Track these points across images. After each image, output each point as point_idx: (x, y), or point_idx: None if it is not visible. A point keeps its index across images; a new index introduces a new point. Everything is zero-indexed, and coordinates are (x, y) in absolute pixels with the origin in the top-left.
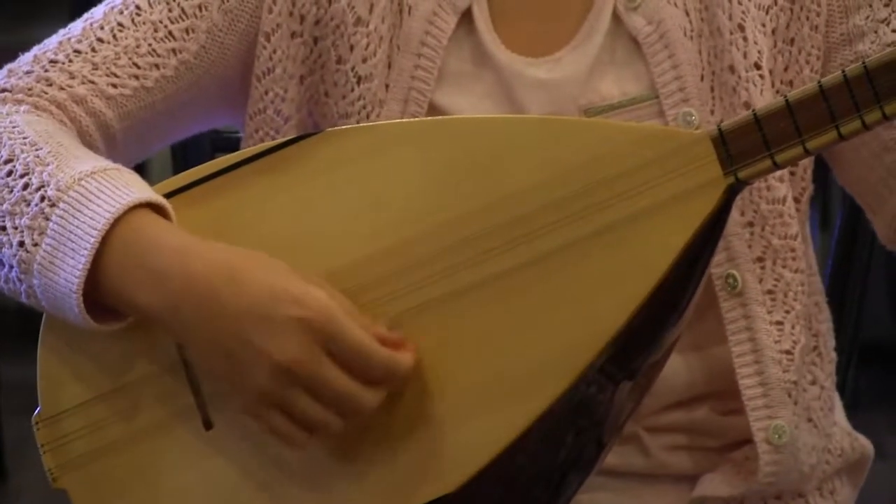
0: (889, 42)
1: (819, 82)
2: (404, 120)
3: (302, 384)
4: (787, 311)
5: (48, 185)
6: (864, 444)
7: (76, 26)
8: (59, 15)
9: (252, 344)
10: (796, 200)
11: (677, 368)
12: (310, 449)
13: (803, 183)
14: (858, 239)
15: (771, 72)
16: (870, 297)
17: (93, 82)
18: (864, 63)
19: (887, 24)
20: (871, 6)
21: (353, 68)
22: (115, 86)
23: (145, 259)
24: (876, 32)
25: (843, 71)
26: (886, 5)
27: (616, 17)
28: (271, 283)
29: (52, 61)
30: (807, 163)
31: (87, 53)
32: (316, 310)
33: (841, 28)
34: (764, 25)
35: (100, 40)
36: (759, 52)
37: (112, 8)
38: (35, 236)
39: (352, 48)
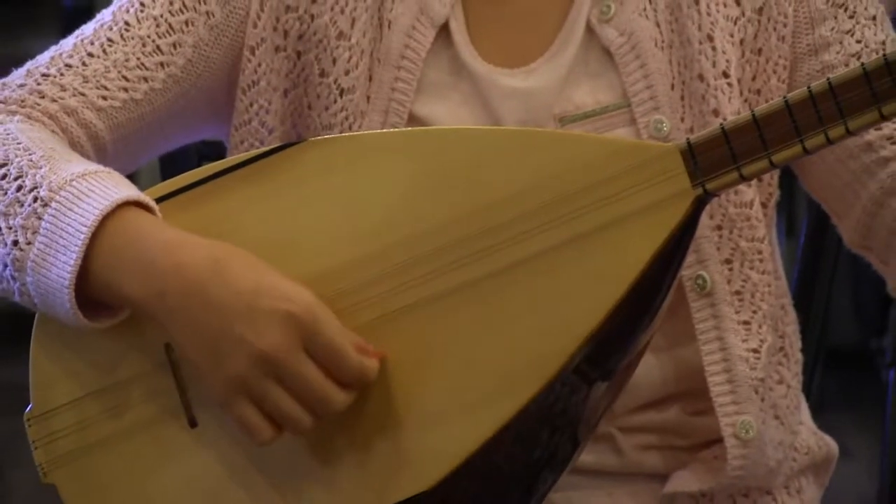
0: (854, 52)
1: (785, 98)
2: (385, 130)
3: (277, 376)
4: (755, 312)
5: (41, 187)
6: (830, 443)
7: (67, 42)
8: (51, 29)
9: (234, 332)
10: (763, 205)
11: (649, 368)
12: (287, 447)
13: (770, 188)
14: (825, 246)
15: (739, 81)
16: (835, 303)
17: (83, 94)
18: (828, 79)
19: (851, 35)
20: (836, 18)
21: (335, 81)
22: (105, 98)
23: (134, 251)
24: (841, 43)
25: (809, 87)
26: (851, 17)
27: (589, 29)
28: (257, 277)
29: (44, 75)
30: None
31: (77, 67)
32: (303, 307)
33: (807, 39)
34: (732, 36)
35: (90, 55)
36: (727, 61)
37: (102, 24)
38: (28, 235)
39: (334, 61)
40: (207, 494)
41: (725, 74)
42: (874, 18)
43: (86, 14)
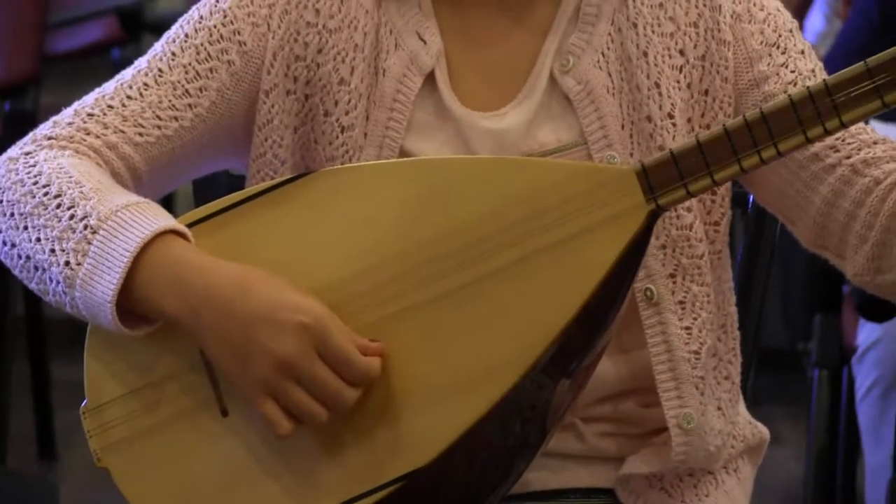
0: (789, 80)
1: (724, 125)
2: (380, 161)
3: (296, 377)
4: (695, 318)
5: (90, 216)
6: (763, 431)
7: (109, 86)
8: (102, 78)
9: (258, 342)
10: (716, 224)
11: (607, 369)
12: (302, 433)
13: (722, 209)
14: (758, 263)
15: (690, 119)
16: (767, 312)
17: (123, 132)
18: (760, 109)
19: (786, 67)
20: (770, 55)
21: (337, 120)
22: (141, 134)
23: (170, 273)
24: (778, 75)
25: (744, 115)
26: (783, 53)
27: (552, 79)
28: (276, 293)
29: (89, 114)
30: (724, 192)
31: (118, 108)
32: (313, 318)
33: (748, 76)
34: (678, 82)
35: (129, 97)
36: (672, 104)
37: (139, 71)
38: (79, 257)
39: (336, 103)
40: (236, 471)
41: (671, 116)
42: (803, 52)
43: (130, 65)
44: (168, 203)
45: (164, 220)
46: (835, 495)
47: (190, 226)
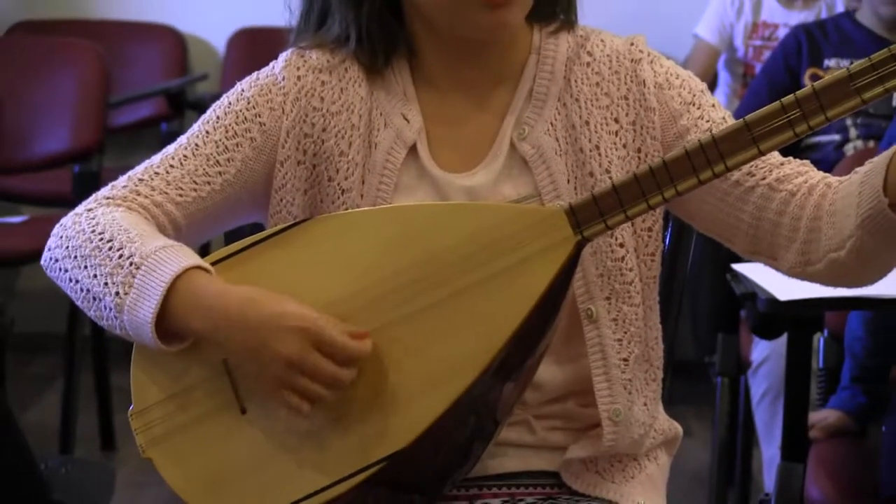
0: (706, 129)
1: (633, 171)
2: (367, 209)
3: (302, 370)
4: (625, 332)
5: (134, 256)
6: (677, 427)
7: (156, 158)
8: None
9: (269, 347)
10: (651, 255)
11: (554, 375)
12: (305, 425)
13: (656, 242)
14: (674, 289)
15: (628, 172)
16: (680, 330)
17: (166, 193)
18: (662, 158)
19: (702, 118)
20: (689, 111)
21: (338, 184)
22: (181, 195)
23: (197, 299)
24: (696, 126)
25: (649, 164)
26: (698, 108)
27: (512, 145)
28: (279, 306)
29: (140, 180)
30: (658, 228)
31: (163, 174)
32: (309, 321)
33: (672, 131)
34: (615, 144)
35: (171, 166)
36: (609, 162)
37: (179, 145)
38: (126, 288)
39: (337, 171)
40: (254, 457)
41: (608, 171)
42: (713, 105)
43: (176, 136)
44: (205, 246)
45: (192, 258)
46: (734, 479)
47: (214, 263)
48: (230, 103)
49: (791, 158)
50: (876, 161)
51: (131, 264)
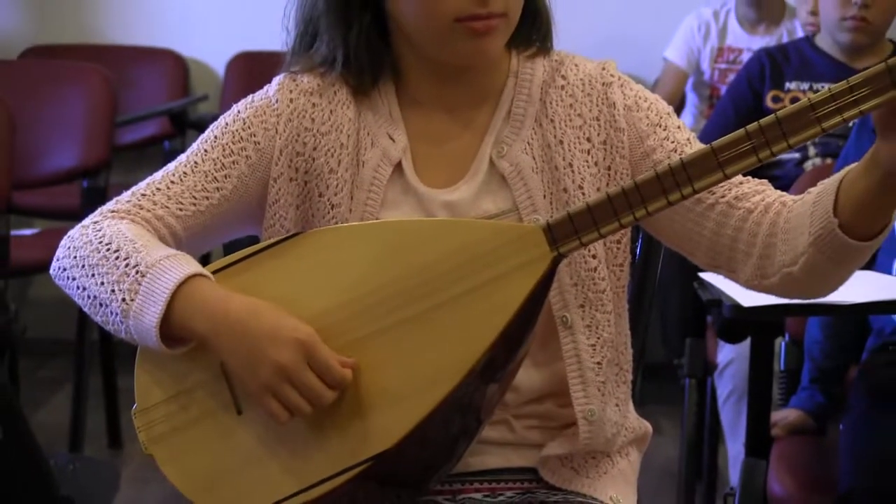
0: (671, 149)
1: (606, 192)
2: (353, 224)
3: (290, 380)
4: (598, 338)
5: (140, 265)
6: (647, 425)
7: (158, 174)
8: (155, 166)
9: (263, 353)
10: (620, 266)
11: (533, 378)
12: (296, 426)
13: (624, 254)
14: (644, 296)
15: (598, 189)
16: (650, 335)
17: (168, 207)
18: (634, 180)
19: (667, 139)
20: (655, 132)
21: (328, 200)
22: (181, 209)
23: (198, 304)
24: (662, 146)
25: (622, 185)
26: (664, 129)
27: (491, 163)
28: (277, 317)
29: (143, 194)
30: (626, 241)
31: (164, 190)
32: (306, 335)
33: (640, 150)
34: (587, 162)
35: (172, 182)
36: (582, 178)
37: (180, 162)
38: (132, 295)
39: (327, 187)
40: (249, 455)
41: (581, 188)
42: (679, 127)
43: (178, 154)
44: (206, 256)
45: (194, 267)
46: (702, 474)
47: (214, 272)
48: (227, 124)
49: (750, 178)
50: (827, 183)
51: (137, 272)
